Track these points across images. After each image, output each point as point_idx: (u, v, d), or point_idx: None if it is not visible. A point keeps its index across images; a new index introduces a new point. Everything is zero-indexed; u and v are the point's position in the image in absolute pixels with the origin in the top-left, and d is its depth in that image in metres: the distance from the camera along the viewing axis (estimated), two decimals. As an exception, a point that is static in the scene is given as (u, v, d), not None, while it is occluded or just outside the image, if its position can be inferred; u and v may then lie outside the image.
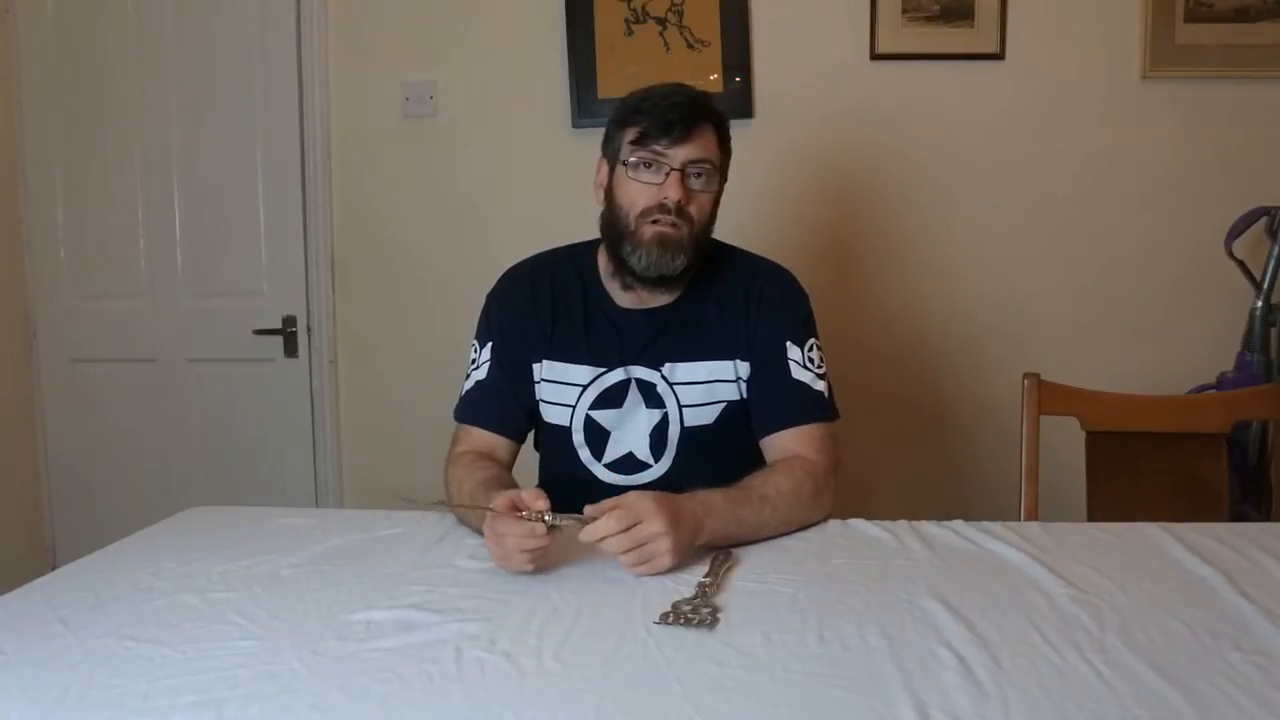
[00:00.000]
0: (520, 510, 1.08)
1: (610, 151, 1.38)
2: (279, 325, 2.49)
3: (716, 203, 1.38)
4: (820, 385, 1.39)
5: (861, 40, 2.28)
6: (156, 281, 2.54)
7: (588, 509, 1.10)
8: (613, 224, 1.36)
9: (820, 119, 2.31)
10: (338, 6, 2.42)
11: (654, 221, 1.31)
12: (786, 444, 1.35)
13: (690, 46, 2.30)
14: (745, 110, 2.29)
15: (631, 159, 1.32)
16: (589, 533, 1.07)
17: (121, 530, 1.31)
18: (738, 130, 1.41)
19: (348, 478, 2.56)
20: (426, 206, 2.44)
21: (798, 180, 2.32)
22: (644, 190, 1.32)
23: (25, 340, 2.59)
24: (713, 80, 2.29)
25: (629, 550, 1.07)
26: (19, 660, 0.91)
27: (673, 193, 1.30)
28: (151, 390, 2.57)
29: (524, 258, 1.50)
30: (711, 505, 1.17)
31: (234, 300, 2.51)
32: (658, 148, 1.30)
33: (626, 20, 2.31)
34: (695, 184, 1.32)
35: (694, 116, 1.31)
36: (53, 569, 1.29)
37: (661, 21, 2.30)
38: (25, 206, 2.55)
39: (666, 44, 2.31)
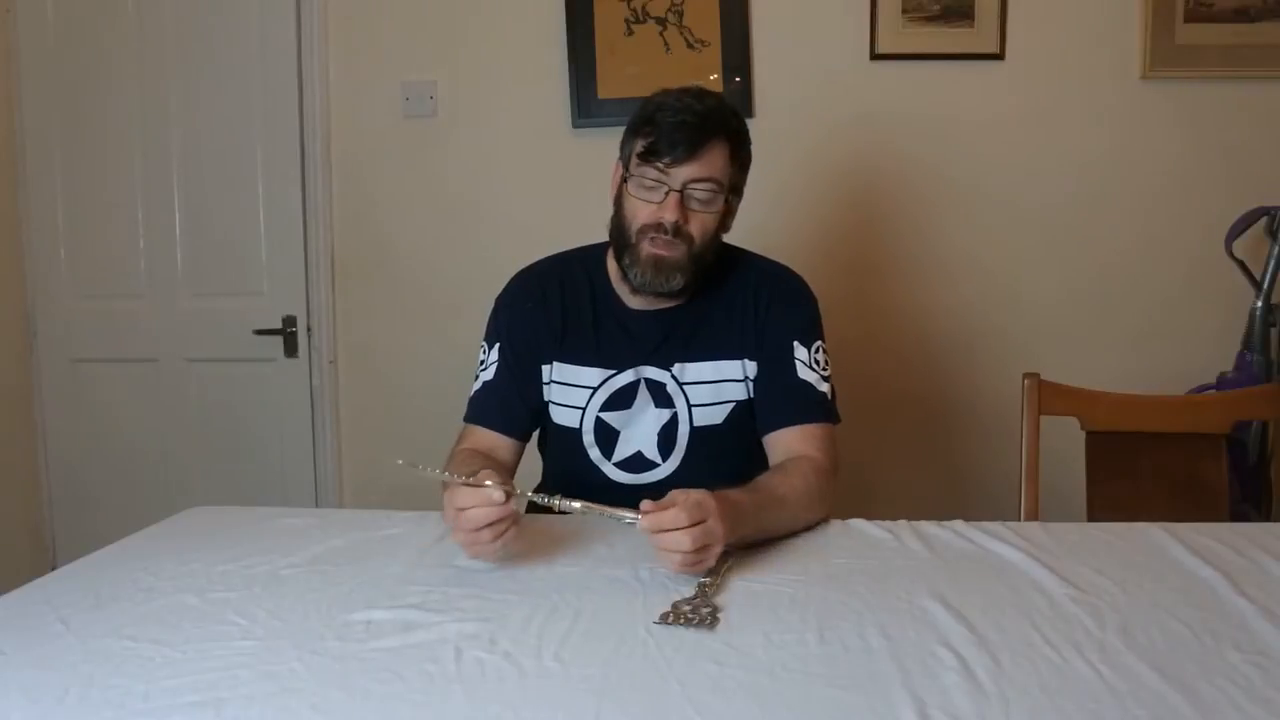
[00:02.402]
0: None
1: (624, 157, 1.38)
2: (279, 325, 2.49)
3: (726, 215, 1.37)
4: (824, 387, 1.39)
5: (861, 40, 2.28)
6: (156, 281, 2.54)
7: (644, 504, 1.06)
8: (619, 231, 1.37)
9: (820, 119, 2.31)
10: (338, 6, 2.41)
11: (651, 239, 1.31)
12: (790, 442, 1.35)
13: (690, 46, 2.30)
14: (745, 110, 2.28)
15: (635, 174, 1.33)
16: (655, 521, 1.03)
17: (121, 530, 1.31)
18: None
19: (348, 478, 2.56)
20: (426, 206, 2.44)
21: (798, 180, 2.31)
22: (644, 208, 1.32)
23: (25, 340, 2.59)
24: (713, 80, 2.29)
25: (692, 549, 1.03)
26: (19, 660, 0.91)
27: (669, 215, 1.30)
28: (151, 390, 2.57)
29: (523, 258, 1.51)
30: (741, 509, 1.14)
31: (234, 300, 2.51)
32: (660, 165, 1.30)
33: (626, 20, 2.30)
34: (695, 204, 1.32)
35: (700, 137, 1.29)
36: (53, 569, 1.29)
37: (661, 21, 2.30)
38: (25, 206, 2.55)
39: (666, 44, 2.31)
